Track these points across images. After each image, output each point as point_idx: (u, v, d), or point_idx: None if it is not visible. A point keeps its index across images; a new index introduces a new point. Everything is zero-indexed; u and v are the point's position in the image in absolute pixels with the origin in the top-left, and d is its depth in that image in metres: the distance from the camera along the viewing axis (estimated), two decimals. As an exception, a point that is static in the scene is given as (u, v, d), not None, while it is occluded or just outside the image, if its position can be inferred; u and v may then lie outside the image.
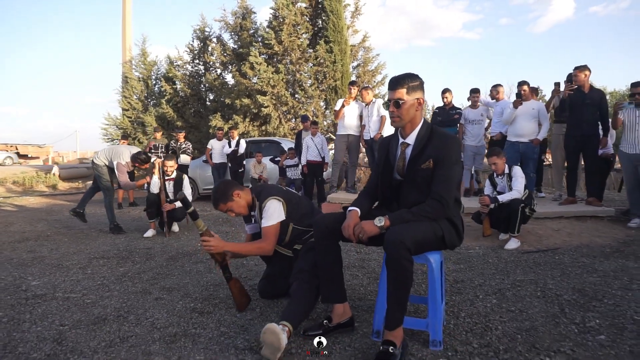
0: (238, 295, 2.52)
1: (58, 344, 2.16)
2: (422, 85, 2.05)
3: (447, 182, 1.97)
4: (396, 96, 2.02)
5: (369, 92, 6.64)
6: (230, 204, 2.50)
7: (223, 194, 2.49)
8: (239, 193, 2.52)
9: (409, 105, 2.02)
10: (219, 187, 2.54)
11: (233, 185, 2.56)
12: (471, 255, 3.91)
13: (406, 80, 2.02)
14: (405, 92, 2.01)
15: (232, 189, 2.51)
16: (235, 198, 2.50)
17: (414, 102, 2.03)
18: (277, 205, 2.45)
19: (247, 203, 2.56)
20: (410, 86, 2.01)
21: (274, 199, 2.46)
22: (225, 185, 2.54)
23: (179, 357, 2.00)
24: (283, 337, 1.93)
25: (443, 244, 2.03)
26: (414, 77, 2.04)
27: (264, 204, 2.46)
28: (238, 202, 2.52)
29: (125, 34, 18.86)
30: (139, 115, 16.58)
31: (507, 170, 4.43)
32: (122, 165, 5.45)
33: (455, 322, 2.38)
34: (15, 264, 3.89)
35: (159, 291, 3.00)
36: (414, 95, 2.02)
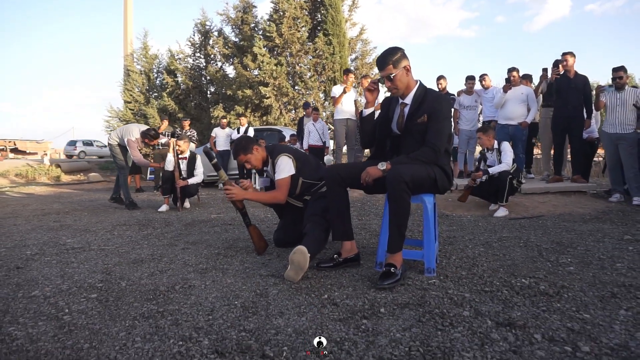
0: (257, 240, 2.88)
1: (108, 275, 2.53)
2: (403, 55, 2.41)
3: (439, 133, 2.34)
4: (386, 73, 2.39)
5: (368, 80, 7.02)
6: (249, 156, 2.87)
7: (244, 147, 2.86)
8: (257, 148, 2.90)
9: (400, 75, 2.39)
10: (241, 141, 2.91)
11: (253, 141, 2.93)
12: (463, 221, 4.29)
13: (388, 57, 2.38)
14: (392, 67, 2.37)
15: (252, 144, 2.88)
16: (254, 152, 2.88)
17: (402, 71, 2.39)
18: (288, 160, 2.82)
19: (262, 158, 2.93)
20: (394, 60, 2.37)
21: (284, 155, 2.83)
22: (246, 140, 2.91)
23: (213, 281, 2.37)
24: (308, 258, 2.28)
25: (436, 187, 2.40)
26: (394, 51, 2.39)
27: (277, 160, 2.82)
28: (255, 156, 2.89)
29: (127, 28, 19.12)
30: (141, 108, 16.86)
31: (496, 146, 4.81)
32: (132, 141, 5.82)
33: (447, 262, 2.76)
34: (45, 229, 4.24)
35: (184, 244, 3.36)
36: (400, 66, 2.38)
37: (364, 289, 2.16)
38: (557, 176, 6.04)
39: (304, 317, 1.83)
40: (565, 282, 2.24)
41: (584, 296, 2.03)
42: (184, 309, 1.94)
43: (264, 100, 13.00)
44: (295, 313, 1.87)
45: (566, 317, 1.78)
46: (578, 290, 2.11)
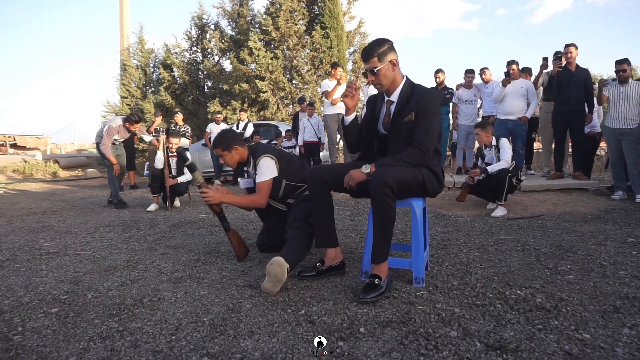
0: (237, 245, 2.72)
1: (75, 285, 2.37)
2: (391, 47, 2.22)
3: (427, 132, 2.16)
4: (370, 66, 2.21)
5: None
6: (226, 154, 2.72)
7: (225, 143, 2.71)
8: (238, 149, 2.73)
9: (385, 70, 2.21)
10: (225, 134, 2.77)
11: (237, 140, 2.76)
12: (459, 221, 4.12)
13: (374, 48, 2.20)
14: (377, 59, 2.19)
15: (234, 143, 2.72)
16: (232, 152, 2.72)
17: (388, 65, 2.21)
18: (270, 162, 2.65)
19: (240, 159, 2.77)
20: (380, 52, 2.19)
21: (267, 156, 2.66)
22: (231, 136, 2.75)
23: (185, 292, 2.21)
24: (286, 270, 2.13)
25: (424, 190, 2.23)
26: (381, 43, 2.21)
27: (258, 161, 2.66)
28: (232, 156, 2.74)
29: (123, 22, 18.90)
30: (137, 103, 16.71)
31: (494, 143, 4.62)
32: (112, 127, 5.79)
33: (438, 269, 2.59)
34: (26, 231, 4.09)
35: (164, 248, 3.20)
36: (385, 59, 2.20)
37: (345, 303, 2.00)
38: (557, 172, 5.86)
39: (275, 337, 1.66)
40: (564, 294, 2.07)
41: (583, 311, 1.86)
42: (147, 327, 1.78)
43: (260, 95, 12.81)
44: (266, 332, 1.71)
45: (564, 338, 1.61)
46: (577, 304, 1.94)
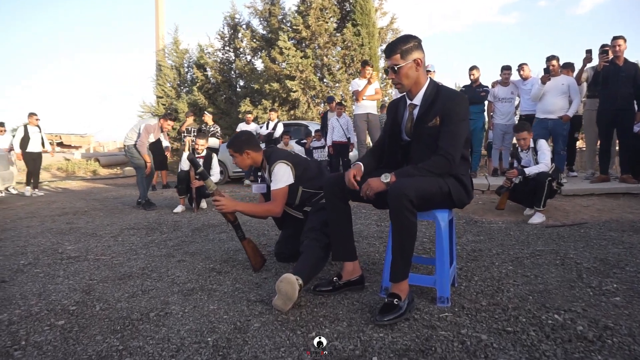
0: (252, 255, 2.61)
1: (86, 294, 2.32)
2: (417, 45, 2.03)
3: (453, 139, 1.97)
4: (392, 63, 2.03)
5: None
6: (237, 155, 2.63)
7: (239, 145, 2.62)
8: (250, 153, 2.62)
9: (407, 68, 2.02)
10: (241, 136, 2.69)
11: (251, 143, 2.65)
12: (493, 229, 3.86)
13: (398, 45, 2.02)
14: (399, 57, 2.01)
15: (246, 147, 2.61)
16: (244, 155, 2.62)
17: (411, 64, 2.02)
18: (285, 169, 2.52)
19: (253, 163, 2.66)
20: (404, 50, 2.01)
21: (282, 162, 2.53)
22: (246, 139, 2.65)
23: (194, 306, 2.11)
24: (297, 287, 2.00)
25: (451, 201, 2.03)
26: (406, 40, 2.03)
27: (273, 167, 2.53)
28: (243, 159, 2.64)
29: (159, 23, 19.31)
30: (172, 102, 17.02)
31: (532, 144, 4.32)
32: (150, 125, 5.85)
33: (466, 284, 2.39)
34: (54, 232, 4.15)
35: (182, 255, 3.14)
36: (409, 57, 2.01)
37: (360, 325, 1.84)
38: (603, 175, 5.44)
39: (280, 365, 1.53)
40: (610, 321, 1.83)
41: (632, 343, 1.63)
42: (148, 347, 1.68)
43: (291, 94, 12.74)
44: (271, 358, 1.58)
45: (609, 379, 1.40)
46: (625, 334, 1.70)
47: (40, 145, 8.37)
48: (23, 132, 8.14)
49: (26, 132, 8.12)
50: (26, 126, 8.18)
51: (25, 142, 8.13)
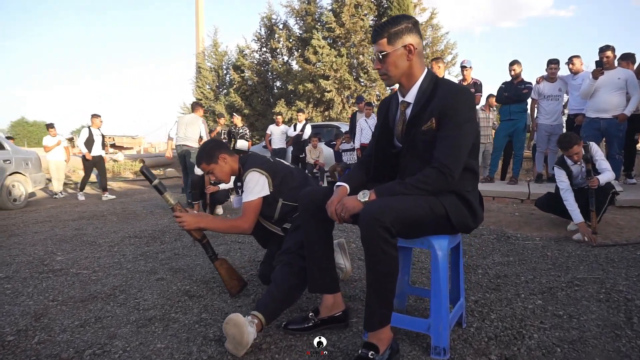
0: (227, 278, 2.27)
1: (35, 320, 2.07)
2: (410, 28, 1.59)
3: (452, 146, 1.52)
4: (377, 49, 1.62)
5: (439, 65, 6.03)
6: (213, 166, 2.26)
7: (208, 154, 2.26)
8: (226, 158, 2.27)
9: (395, 56, 1.60)
10: (207, 145, 2.32)
11: (223, 148, 2.30)
12: (527, 247, 3.31)
13: (385, 27, 1.59)
14: (386, 41, 1.59)
15: (219, 151, 2.26)
16: (220, 162, 2.26)
17: (401, 51, 1.59)
18: (259, 178, 2.15)
19: (231, 170, 2.30)
20: (392, 33, 1.58)
21: (255, 171, 2.16)
22: (214, 145, 2.30)
23: (141, 342, 1.80)
24: (249, 330, 1.64)
25: (449, 225, 1.59)
26: (397, 21, 1.60)
27: (245, 176, 2.17)
28: (221, 167, 2.27)
29: (199, 26, 19.60)
30: (210, 105, 17.18)
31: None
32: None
33: (479, 324, 1.93)
34: (55, 240, 4.02)
35: (165, 272, 2.85)
36: (399, 42, 1.59)
37: (324, 385, 1.45)
38: (668, 183, 4.68)
39: None
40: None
41: None
42: (55, 403, 1.37)
43: (325, 94, 12.39)
44: None
45: None
46: None
47: (101, 148, 8.04)
48: (87, 134, 7.77)
49: (90, 134, 7.78)
50: (90, 128, 7.87)
51: (90, 144, 7.80)
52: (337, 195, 1.68)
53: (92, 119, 8.01)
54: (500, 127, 6.12)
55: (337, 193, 1.70)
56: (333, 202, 1.65)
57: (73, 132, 39.43)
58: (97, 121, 8.00)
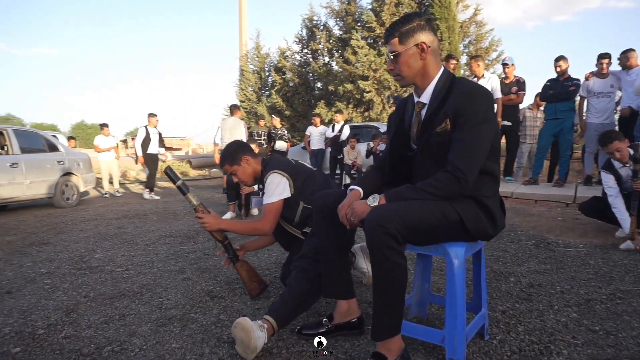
0: (247, 279, 2.29)
1: (66, 315, 2.17)
2: (422, 26, 1.53)
3: (467, 149, 1.44)
4: (390, 49, 1.57)
5: (479, 64, 5.83)
6: (236, 168, 2.28)
7: (231, 155, 2.28)
8: (249, 160, 2.28)
9: (407, 55, 1.54)
10: (230, 146, 2.34)
11: (246, 149, 2.31)
12: (567, 255, 3.11)
13: (397, 26, 1.55)
14: (397, 41, 1.54)
15: (242, 153, 2.27)
16: (242, 163, 2.27)
17: (413, 50, 1.53)
18: (280, 180, 2.15)
19: (254, 172, 2.31)
20: (403, 32, 1.53)
21: (276, 173, 2.16)
22: (237, 147, 2.31)
23: (158, 341, 1.84)
24: (257, 335, 1.63)
25: (465, 232, 1.51)
26: (407, 20, 1.54)
27: (266, 178, 2.18)
28: (244, 169, 2.28)
29: (242, 30, 20.02)
30: (253, 106, 17.49)
31: (630, 151, 3.43)
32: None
33: (503, 337, 1.82)
34: (98, 238, 4.21)
35: (193, 271, 2.92)
36: (410, 41, 1.53)
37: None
38: None
39: None
40: None
41: None
42: (68, 398, 1.43)
43: (364, 95, 12.28)
44: None
45: None
46: None
47: (157, 147, 8.17)
48: (144, 134, 7.92)
49: (147, 133, 7.94)
50: (147, 127, 8.02)
51: (146, 144, 7.93)
52: (348, 199, 1.64)
53: (149, 118, 8.13)
54: (545, 126, 5.82)
55: (350, 197, 1.66)
56: (344, 206, 1.61)
57: (127, 134, 41.58)
58: (153, 120, 8.12)
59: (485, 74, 5.82)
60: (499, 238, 3.61)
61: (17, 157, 6.36)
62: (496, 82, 5.75)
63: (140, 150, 7.98)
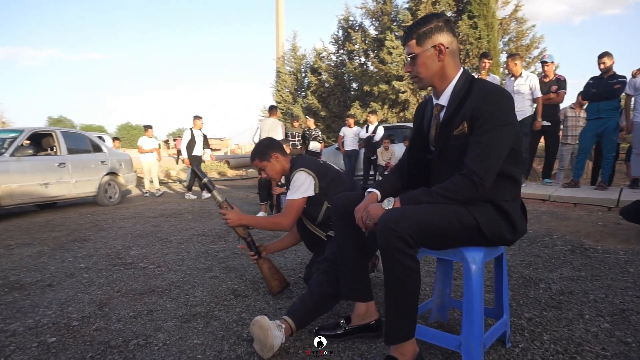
0: (269, 277, 2.33)
1: (99, 309, 2.29)
2: (440, 27, 1.52)
3: (484, 153, 1.41)
4: (407, 51, 1.58)
5: (516, 63, 5.67)
6: (265, 164, 2.33)
7: (262, 151, 2.34)
8: (278, 157, 2.33)
9: (425, 57, 1.53)
10: (262, 142, 2.40)
11: (277, 147, 2.37)
12: (605, 261, 2.96)
13: (415, 27, 1.54)
14: (415, 42, 1.54)
15: (272, 150, 2.33)
16: (272, 160, 2.33)
17: (431, 52, 1.52)
18: (305, 178, 2.18)
19: (282, 170, 2.37)
20: (421, 33, 1.52)
21: (302, 171, 2.19)
22: (269, 144, 2.37)
23: (181, 337, 1.91)
24: (275, 334, 1.66)
25: (482, 237, 1.48)
26: (426, 21, 1.54)
27: (293, 175, 2.22)
28: (273, 165, 2.34)
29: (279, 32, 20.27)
30: (289, 107, 17.68)
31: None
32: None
33: (526, 345, 1.77)
34: (134, 235, 4.40)
35: (220, 270, 3.00)
36: (428, 43, 1.52)
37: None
38: None
39: None
40: None
41: None
42: (94, 388, 1.51)
43: (399, 95, 12.15)
44: None
45: None
46: None
47: (202, 149, 8.35)
48: (190, 136, 8.12)
49: (192, 136, 8.15)
50: (192, 130, 8.21)
51: (191, 146, 8.12)
52: (365, 202, 1.64)
53: (194, 121, 8.29)
54: (587, 126, 5.55)
55: (367, 199, 1.66)
56: (360, 209, 1.61)
57: (169, 135, 43.01)
58: (198, 123, 8.29)
59: (523, 73, 5.63)
60: (533, 243, 3.49)
61: (64, 158, 6.73)
62: (535, 81, 5.55)
63: (185, 152, 8.18)
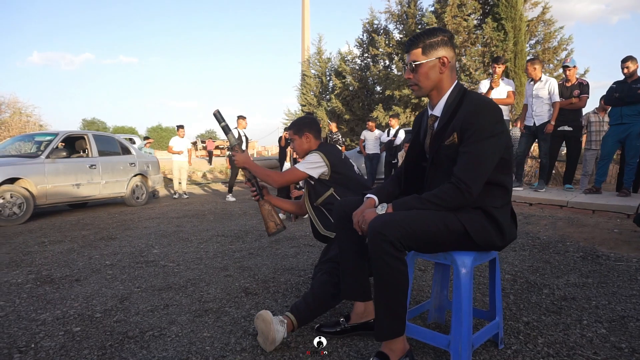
0: (266, 217, 2.42)
1: (120, 302, 2.47)
2: (446, 41, 1.61)
3: (471, 162, 1.49)
4: (411, 58, 1.65)
5: (535, 67, 5.64)
6: (296, 138, 2.43)
7: (299, 125, 2.44)
8: (309, 138, 2.42)
9: (428, 67, 1.62)
10: (303, 118, 2.51)
11: (312, 127, 2.45)
12: (615, 269, 2.96)
13: (422, 37, 1.62)
14: (420, 52, 1.62)
15: (308, 130, 2.41)
16: (303, 138, 2.42)
17: (434, 62, 1.61)
18: (317, 159, 2.26)
19: (309, 149, 2.43)
20: (428, 44, 1.61)
21: (319, 153, 2.28)
22: (308, 122, 2.47)
23: (192, 330, 2.05)
24: (277, 328, 1.78)
25: (471, 242, 1.56)
26: (433, 33, 1.62)
27: (309, 154, 2.32)
28: (301, 142, 2.42)
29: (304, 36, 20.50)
30: (313, 110, 17.85)
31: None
32: None
33: (519, 347, 1.83)
34: (157, 235, 4.62)
35: (235, 269, 3.14)
36: (433, 54, 1.60)
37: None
38: None
39: None
40: None
41: None
42: (111, 372, 1.66)
43: (422, 99, 12.11)
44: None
45: None
46: None
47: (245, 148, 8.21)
48: (237, 135, 8.04)
49: (239, 135, 8.01)
50: (237, 130, 8.11)
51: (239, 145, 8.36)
52: (362, 207, 1.75)
53: (238, 121, 8.24)
54: (610, 131, 5.46)
55: (365, 204, 1.76)
56: (357, 214, 1.71)
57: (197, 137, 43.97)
58: (243, 122, 8.25)
59: (543, 77, 5.59)
60: (545, 249, 3.50)
61: (95, 160, 7.07)
62: (554, 85, 5.50)
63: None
